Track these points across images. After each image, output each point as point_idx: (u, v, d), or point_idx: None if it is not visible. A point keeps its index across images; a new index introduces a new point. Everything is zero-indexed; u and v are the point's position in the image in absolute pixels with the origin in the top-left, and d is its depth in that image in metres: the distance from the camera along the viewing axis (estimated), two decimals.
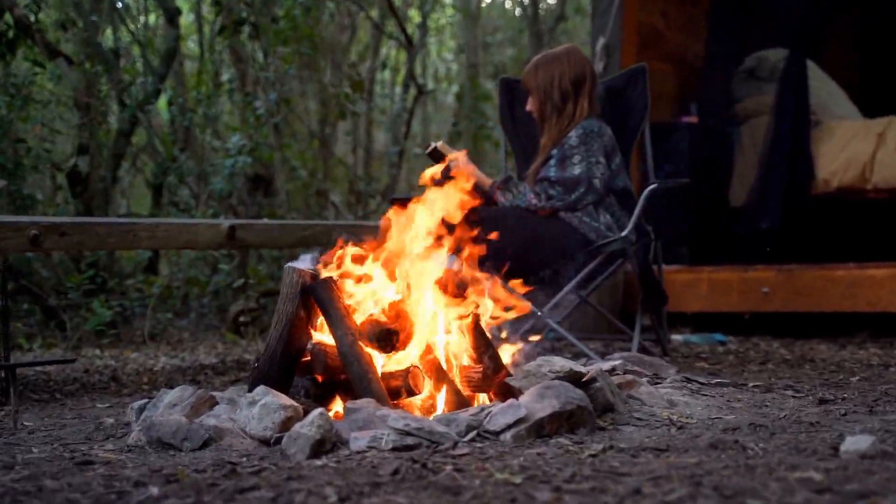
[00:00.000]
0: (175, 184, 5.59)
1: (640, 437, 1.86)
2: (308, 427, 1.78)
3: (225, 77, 6.33)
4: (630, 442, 1.78)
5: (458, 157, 3.29)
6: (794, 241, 4.77)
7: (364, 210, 6.82)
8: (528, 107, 3.43)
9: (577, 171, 3.20)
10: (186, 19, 7.88)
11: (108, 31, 5.90)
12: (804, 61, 4.84)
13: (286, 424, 1.88)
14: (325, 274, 2.20)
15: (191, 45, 8.02)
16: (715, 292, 4.44)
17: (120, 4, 5.88)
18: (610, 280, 3.77)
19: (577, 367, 2.07)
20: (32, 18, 4.73)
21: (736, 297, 4.37)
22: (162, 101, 6.59)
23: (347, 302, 2.16)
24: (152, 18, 7.22)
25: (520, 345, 2.47)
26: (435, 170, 2.74)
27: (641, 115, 3.49)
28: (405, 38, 7.24)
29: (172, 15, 5.76)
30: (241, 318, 4.66)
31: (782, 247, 4.70)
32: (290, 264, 2.18)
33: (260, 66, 6.00)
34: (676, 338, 4.17)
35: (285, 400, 1.94)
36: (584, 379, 2.04)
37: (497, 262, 2.52)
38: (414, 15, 8.65)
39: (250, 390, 2.06)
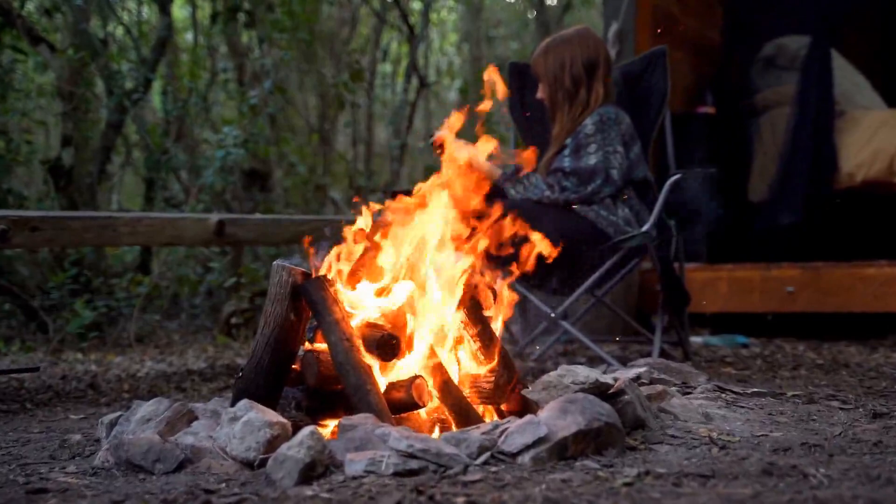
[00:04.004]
0: (167, 178, 5.35)
1: (678, 459, 1.62)
2: (296, 448, 1.54)
3: (220, 67, 6.09)
4: (668, 466, 1.54)
5: (463, 147, 3.04)
6: (817, 238, 4.53)
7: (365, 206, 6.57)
8: (539, 94, 3.19)
9: (592, 161, 2.96)
10: (183, 13, 7.66)
11: (99, 21, 5.66)
12: (828, 49, 4.60)
13: (272, 444, 1.64)
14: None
15: (189, 39, 7.80)
16: (735, 292, 4.19)
17: None
18: (625, 278, 3.53)
19: (604, 377, 1.83)
20: (16, 4, 4.49)
21: (758, 297, 4.13)
22: (158, 96, 6.37)
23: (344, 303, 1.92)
24: (146, 10, 6.99)
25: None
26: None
27: (661, 101, 3.25)
28: (407, 27, 7.00)
29: (164, 3, 5.52)
30: (233, 320, 4.42)
31: (805, 244, 4.46)
32: (279, 262, 1.94)
33: (256, 57, 5.77)
34: (696, 339, 3.93)
35: (271, 416, 1.70)
36: (610, 391, 1.80)
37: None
38: (416, 9, 8.41)
39: (233, 403, 1.83)
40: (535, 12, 8.34)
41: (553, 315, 3.00)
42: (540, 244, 2.14)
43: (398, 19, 7.34)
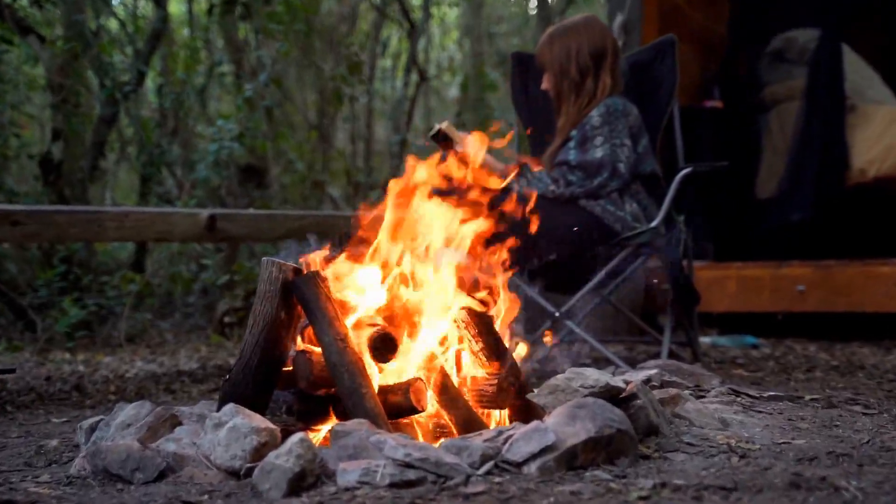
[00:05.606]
0: (160, 173, 5.22)
1: (696, 468, 1.51)
2: (285, 457, 1.43)
3: (217, 62, 5.97)
4: (686, 477, 1.43)
5: (466, 140, 2.94)
6: (828, 236, 4.41)
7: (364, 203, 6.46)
8: (544, 85, 3.07)
9: (599, 153, 2.84)
10: (181, 9, 7.55)
11: (93, 13, 5.53)
12: (839, 42, 4.48)
13: (259, 452, 1.53)
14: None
15: (186, 35, 7.70)
16: (744, 290, 4.08)
17: None
18: (631, 276, 3.41)
19: (614, 380, 1.71)
20: None
21: (767, 296, 4.01)
22: (154, 91, 6.25)
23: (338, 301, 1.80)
24: (142, 3, 6.88)
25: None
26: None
27: (670, 92, 3.13)
28: (408, 21, 6.88)
29: None
30: (227, 319, 4.29)
31: (815, 242, 4.34)
32: (268, 258, 1.82)
33: (253, 51, 5.65)
34: (704, 340, 3.82)
35: (259, 422, 1.58)
36: (622, 395, 1.68)
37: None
38: (416, 4, 8.30)
39: (220, 407, 1.71)
40: (537, 8, 8.24)
41: (557, 314, 2.89)
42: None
43: (398, 13, 7.23)
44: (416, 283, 1.88)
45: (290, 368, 1.82)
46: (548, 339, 2.76)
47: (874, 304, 3.77)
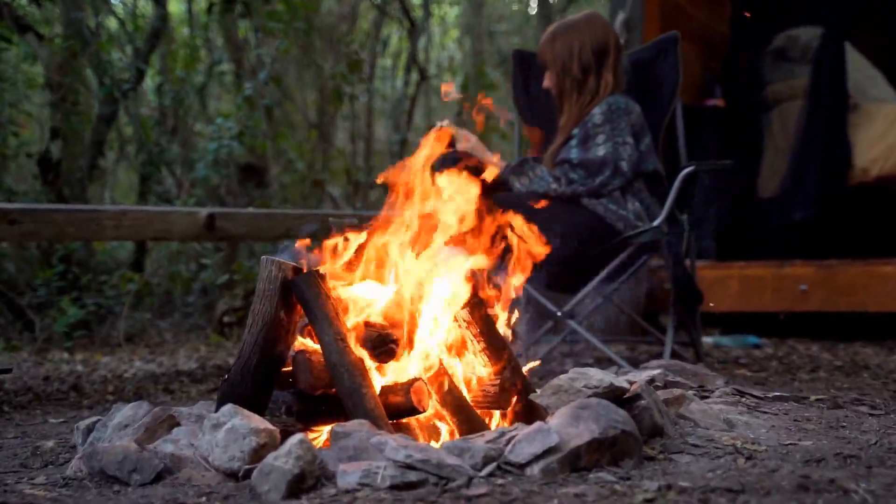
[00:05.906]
0: (159, 172, 5.20)
1: (702, 470, 1.48)
2: (284, 458, 1.40)
3: (216, 61, 5.95)
4: (691, 479, 1.41)
5: (466, 137, 2.93)
6: (830, 235, 4.39)
7: (363, 202, 6.44)
8: (546, 83, 3.05)
9: (601, 152, 2.82)
10: (181, 8, 7.53)
11: (92, 11, 5.51)
12: (842, 41, 4.45)
13: (258, 454, 1.51)
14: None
15: (186, 34, 7.68)
16: (747, 290, 4.05)
17: None
18: (633, 276, 3.38)
19: (618, 380, 1.69)
20: None
21: (770, 296, 3.98)
22: (153, 90, 6.23)
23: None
24: (141, 1, 6.86)
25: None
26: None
27: (672, 90, 3.10)
28: (408, 19, 6.86)
29: None
30: (226, 319, 4.27)
31: (818, 241, 4.32)
32: (268, 256, 1.80)
33: (253, 49, 5.63)
34: (706, 340, 3.79)
35: (258, 422, 1.56)
36: (626, 395, 1.66)
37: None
38: (416, 2, 8.28)
39: (218, 408, 1.69)
40: (538, 6, 8.22)
41: (560, 314, 2.86)
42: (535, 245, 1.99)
43: (399, 12, 7.21)
44: (419, 281, 1.85)
45: (290, 368, 1.80)
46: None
47: (877, 304, 3.75)
